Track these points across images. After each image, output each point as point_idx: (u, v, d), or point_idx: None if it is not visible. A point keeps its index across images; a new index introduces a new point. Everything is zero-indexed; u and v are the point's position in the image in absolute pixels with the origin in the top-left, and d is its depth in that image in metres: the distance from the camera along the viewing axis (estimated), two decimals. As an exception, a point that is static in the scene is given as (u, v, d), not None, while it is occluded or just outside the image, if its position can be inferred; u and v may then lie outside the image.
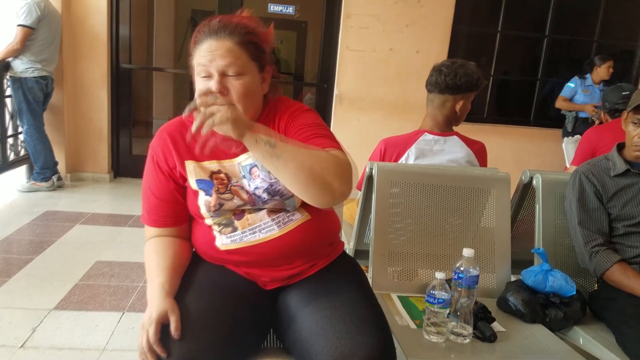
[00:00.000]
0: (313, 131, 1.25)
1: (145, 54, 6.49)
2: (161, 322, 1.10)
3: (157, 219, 1.34)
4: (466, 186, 1.86)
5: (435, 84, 2.02)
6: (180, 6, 7.94)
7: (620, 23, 5.37)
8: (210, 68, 1.20)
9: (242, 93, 1.21)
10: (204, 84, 1.22)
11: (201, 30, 1.26)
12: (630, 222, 1.70)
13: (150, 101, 6.56)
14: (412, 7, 4.80)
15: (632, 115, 1.70)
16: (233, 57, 1.20)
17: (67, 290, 2.53)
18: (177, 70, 7.53)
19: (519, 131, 5.22)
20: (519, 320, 1.62)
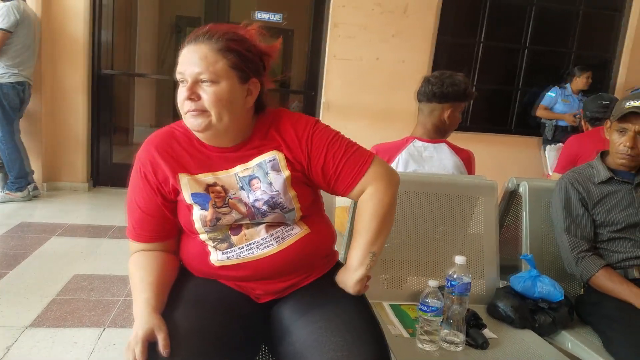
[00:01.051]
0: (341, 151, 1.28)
1: (127, 59, 6.41)
2: (148, 341, 1.07)
3: (142, 233, 1.29)
4: (455, 194, 1.87)
5: (423, 93, 2.08)
6: (164, 12, 7.88)
7: (597, 35, 5.50)
8: (185, 75, 1.18)
9: (213, 100, 1.17)
10: (181, 91, 1.20)
11: (189, 36, 1.24)
12: (614, 228, 1.73)
13: (132, 108, 6.47)
14: (397, 17, 4.86)
15: (617, 124, 1.74)
16: (207, 64, 1.16)
17: (44, 306, 2.43)
18: (160, 76, 7.48)
19: (500, 139, 5.30)
20: (509, 326, 1.64)
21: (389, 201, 1.28)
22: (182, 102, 1.19)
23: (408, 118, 4.97)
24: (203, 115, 1.18)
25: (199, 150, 1.27)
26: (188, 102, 1.18)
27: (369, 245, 1.26)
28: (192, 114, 1.18)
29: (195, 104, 1.17)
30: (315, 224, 1.32)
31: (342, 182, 1.29)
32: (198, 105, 1.17)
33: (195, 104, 1.17)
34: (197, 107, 1.17)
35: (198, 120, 1.18)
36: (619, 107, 1.74)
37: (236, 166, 1.26)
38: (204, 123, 1.18)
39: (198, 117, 1.18)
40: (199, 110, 1.17)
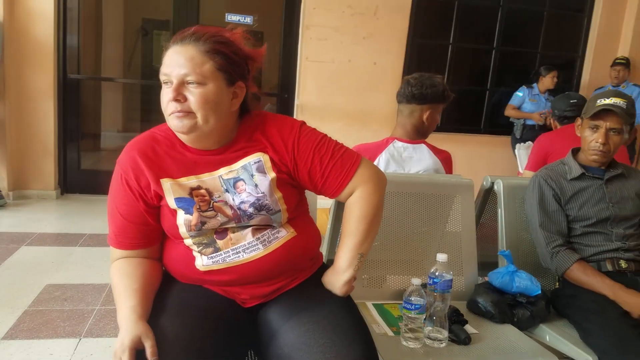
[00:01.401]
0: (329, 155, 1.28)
1: (93, 63, 6.28)
2: (135, 348, 1.05)
3: (124, 240, 1.26)
4: (433, 193, 1.90)
5: (403, 95, 2.11)
6: (130, 14, 7.75)
7: (562, 35, 5.65)
8: (170, 76, 1.16)
9: (200, 102, 1.15)
10: (165, 92, 1.18)
11: (174, 37, 1.23)
12: (586, 222, 1.78)
13: (98, 113, 6.34)
14: (368, 19, 4.89)
15: (589, 122, 1.79)
16: (193, 65, 1.15)
17: (16, 318, 2.35)
18: (128, 80, 7.35)
19: (471, 139, 5.38)
20: (489, 321, 1.67)
21: (377, 203, 1.30)
22: (167, 103, 1.17)
23: (383, 119, 5.03)
24: (188, 117, 1.16)
25: (181, 154, 1.25)
26: (173, 104, 1.16)
27: (357, 247, 1.28)
28: (177, 115, 1.16)
29: (181, 105, 1.16)
30: (301, 227, 1.32)
31: (330, 185, 1.30)
32: (184, 107, 1.16)
33: (181, 106, 1.16)
34: (182, 109, 1.16)
35: (183, 122, 1.17)
36: (591, 105, 1.79)
37: (220, 168, 1.25)
38: (189, 124, 1.17)
39: (183, 118, 1.16)
40: (185, 112, 1.16)
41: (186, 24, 4.73)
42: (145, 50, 8.73)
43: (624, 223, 1.78)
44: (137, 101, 8.17)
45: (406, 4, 4.96)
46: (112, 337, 2.24)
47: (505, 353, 1.48)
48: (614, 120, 1.74)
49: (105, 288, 2.75)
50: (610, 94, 1.76)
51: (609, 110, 1.73)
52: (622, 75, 5.01)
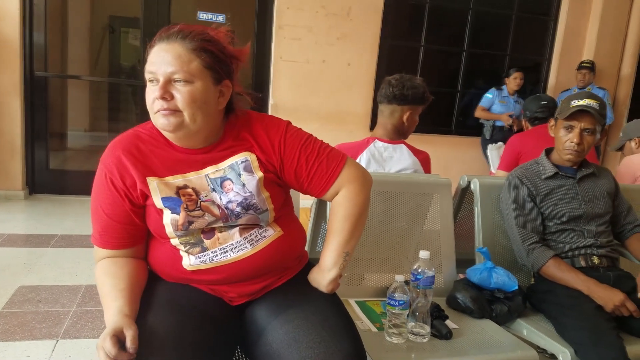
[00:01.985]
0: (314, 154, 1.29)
1: (59, 61, 6.14)
2: (116, 336, 1.03)
3: (109, 240, 1.25)
4: (412, 192, 1.93)
5: (384, 95, 2.12)
6: (96, 12, 7.60)
7: (530, 38, 5.79)
8: (157, 74, 1.15)
9: (189, 100, 1.15)
10: (151, 91, 1.17)
11: (158, 35, 1.21)
12: (560, 220, 1.84)
13: (65, 112, 6.20)
14: (342, 20, 4.92)
15: (563, 122, 1.84)
16: (181, 63, 1.14)
17: (-11, 321, 2.30)
18: (96, 78, 7.22)
19: (442, 140, 5.47)
20: (468, 316, 1.71)
21: (362, 202, 1.31)
22: (153, 101, 1.16)
23: (357, 120, 5.07)
24: (175, 115, 1.15)
25: (167, 152, 1.24)
26: (160, 102, 1.14)
27: (343, 246, 1.29)
28: (163, 113, 1.15)
29: (168, 103, 1.15)
30: (287, 226, 1.33)
31: (315, 185, 1.31)
32: (171, 105, 1.15)
33: (168, 104, 1.15)
34: (169, 107, 1.15)
35: (170, 120, 1.16)
36: (565, 106, 1.85)
37: (206, 167, 1.24)
38: (175, 123, 1.16)
39: (170, 116, 1.15)
40: (171, 110, 1.15)
41: (157, 22, 4.70)
42: (113, 48, 8.59)
43: (596, 220, 1.84)
44: (104, 100, 8.02)
45: (379, 6, 5.00)
46: (90, 339, 2.20)
47: (485, 347, 1.52)
48: (588, 121, 1.80)
49: (80, 289, 2.70)
50: (583, 96, 1.82)
51: (583, 111, 1.79)
52: (587, 79, 5.18)
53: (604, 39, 5.54)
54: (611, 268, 1.81)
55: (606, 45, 5.56)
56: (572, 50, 5.63)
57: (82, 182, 4.67)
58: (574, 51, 5.63)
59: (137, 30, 8.14)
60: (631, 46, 5.63)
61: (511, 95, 5.20)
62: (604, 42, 5.55)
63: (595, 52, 5.51)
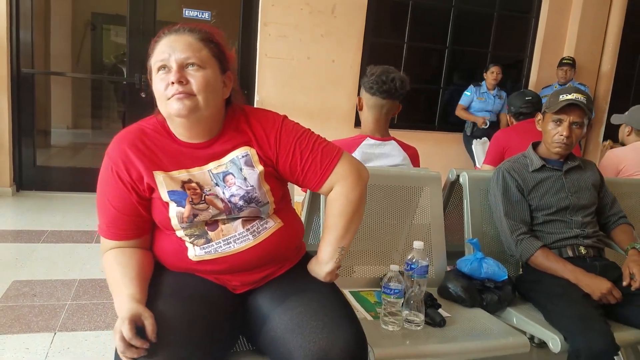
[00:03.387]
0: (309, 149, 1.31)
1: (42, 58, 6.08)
2: (134, 322, 1.06)
3: (116, 231, 1.28)
4: (402, 185, 1.98)
5: (388, 91, 2.06)
6: (78, 9, 7.52)
7: (511, 36, 5.90)
8: (169, 61, 1.19)
9: (203, 84, 1.19)
10: (162, 79, 1.20)
11: (161, 32, 1.26)
12: (548, 211, 1.91)
13: (49, 109, 6.15)
14: (326, 17, 4.96)
15: (552, 116, 1.90)
16: (193, 50, 1.21)
17: (-14, 314, 2.31)
18: (81, 74, 7.15)
19: (426, 136, 5.54)
20: (460, 305, 1.76)
21: (357, 198, 1.33)
22: (166, 87, 1.19)
23: (342, 116, 5.11)
24: (190, 99, 1.19)
25: (171, 147, 1.28)
26: (175, 86, 1.18)
27: (338, 241, 1.33)
28: (178, 96, 1.18)
29: (184, 87, 1.18)
30: (286, 217, 1.37)
31: (310, 179, 1.34)
32: (186, 89, 1.18)
33: (184, 87, 1.18)
34: (184, 90, 1.18)
35: (185, 103, 1.18)
36: (554, 100, 1.90)
37: (209, 163, 1.28)
38: (190, 106, 1.19)
39: (185, 99, 1.18)
40: (187, 93, 1.18)
41: (143, 19, 4.70)
42: (95, 45, 8.51)
43: (582, 211, 1.91)
44: (87, 97, 7.95)
45: (362, 4, 5.05)
46: (87, 331, 2.23)
47: (478, 334, 1.58)
48: (577, 114, 1.87)
49: (74, 283, 2.71)
50: (571, 90, 1.88)
51: (572, 105, 1.85)
52: (568, 75, 5.29)
53: (584, 36, 5.66)
54: (597, 258, 1.88)
55: (586, 43, 5.68)
56: (552, 48, 5.74)
57: (68, 179, 4.70)
58: (555, 48, 5.74)
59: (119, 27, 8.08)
60: (611, 43, 5.75)
61: (490, 90, 5.27)
62: (584, 39, 5.66)
63: (576, 49, 5.62)
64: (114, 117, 8.22)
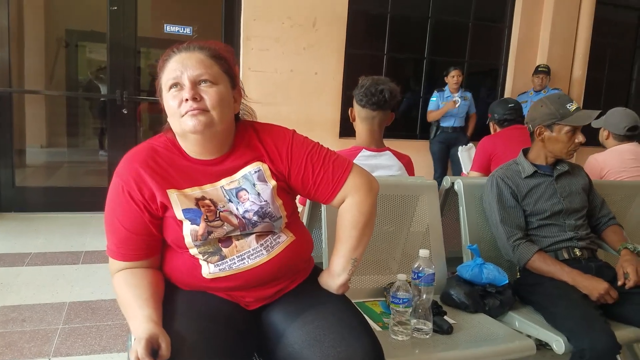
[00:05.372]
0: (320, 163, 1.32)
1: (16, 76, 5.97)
2: (150, 342, 1.06)
3: (127, 252, 1.26)
4: (399, 194, 2.00)
5: (378, 103, 2.08)
6: (52, 25, 7.42)
7: (486, 45, 6.03)
8: (181, 78, 1.20)
9: (217, 100, 1.20)
10: (174, 96, 1.21)
11: (170, 50, 1.27)
12: (542, 216, 1.96)
13: (23, 127, 6.03)
14: (307, 31, 5.01)
15: (563, 127, 1.93)
16: (205, 67, 1.22)
17: (-25, 343, 2.24)
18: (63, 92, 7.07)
19: (408, 144, 5.59)
20: (463, 311, 1.79)
21: (368, 210, 1.34)
22: (179, 104, 1.20)
23: (326, 126, 5.14)
24: (204, 114, 1.20)
25: (182, 164, 1.27)
26: (189, 103, 1.18)
27: (350, 253, 1.34)
28: (192, 113, 1.19)
29: (198, 103, 1.19)
30: (297, 231, 1.37)
31: (322, 193, 1.35)
32: (200, 105, 1.19)
33: (198, 104, 1.19)
34: (199, 106, 1.19)
35: (199, 119, 1.19)
36: (563, 111, 1.92)
37: (221, 180, 1.28)
38: (205, 121, 1.19)
39: (199, 115, 1.19)
40: (201, 109, 1.19)
41: (123, 35, 4.66)
42: (70, 62, 8.39)
43: (575, 215, 1.97)
44: (62, 115, 7.82)
45: (342, 17, 5.12)
46: (83, 355, 2.18)
47: (484, 339, 1.61)
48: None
49: (64, 307, 2.65)
50: (567, 98, 1.96)
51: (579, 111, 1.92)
52: (544, 82, 5.43)
53: (555, 44, 5.82)
54: (592, 259, 1.94)
55: (558, 50, 5.84)
56: (526, 56, 5.89)
57: (47, 199, 4.61)
58: (528, 56, 5.89)
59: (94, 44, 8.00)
60: (581, 50, 5.94)
61: (454, 93, 5.33)
62: (556, 47, 5.83)
63: (548, 56, 5.78)
64: (90, 135, 8.10)
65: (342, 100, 5.20)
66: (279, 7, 4.89)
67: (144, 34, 5.12)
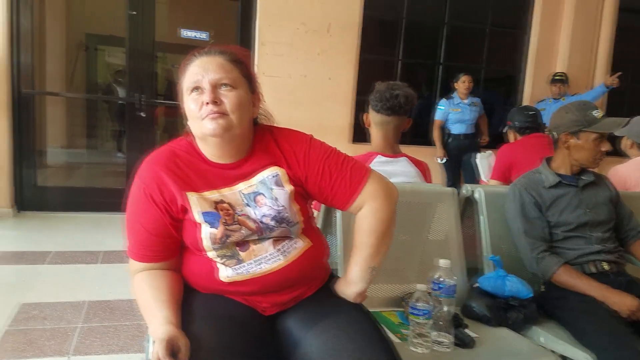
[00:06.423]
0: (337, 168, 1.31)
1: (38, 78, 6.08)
2: (171, 343, 1.06)
3: (147, 254, 1.27)
4: (416, 201, 1.96)
5: (392, 108, 2.06)
6: (72, 30, 7.55)
7: (503, 51, 5.98)
8: (202, 82, 1.21)
9: (236, 104, 1.22)
10: (195, 99, 1.22)
11: (191, 54, 1.28)
12: (567, 227, 1.90)
13: (44, 129, 6.13)
14: (322, 36, 5.03)
15: (590, 134, 1.88)
16: (225, 71, 1.23)
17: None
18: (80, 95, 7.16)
19: (420, 151, 5.52)
20: (484, 325, 1.73)
21: (387, 217, 1.32)
22: (199, 107, 1.21)
23: (339, 131, 5.13)
24: (224, 118, 1.21)
25: (201, 167, 1.28)
26: (209, 106, 1.20)
27: (368, 261, 1.31)
28: (212, 116, 1.20)
29: (218, 107, 1.20)
30: (314, 237, 1.36)
31: (339, 198, 1.33)
32: (220, 109, 1.20)
33: (218, 107, 1.20)
34: (219, 110, 1.20)
35: (219, 122, 1.20)
36: (589, 117, 1.87)
37: (239, 183, 1.28)
38: (224, 125, 1.20)
39: (219, 119, 1.20)
40: (220, 113, 1.20)
41: (142, 40, 4.73)
42: (89, 66, 8.53)
43: (602, 227, 1.91)
44: (82, 116, 7.94)
45: (356, 22, 5.13)
46: (101, 355, 2.20)
47: (508, 355, 1.56)
48: None
49: (83, 305, 2.68)
50: (592, 105, 1.92)
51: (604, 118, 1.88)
52: (562, 90, 5.35)
53: (575, 51, 5.74)
54: (620, 273, 1.88)
55: (578, 57, 5.76)
56: (545, 63, 5.81)
57: (67, 199, 4.69)
58: (548, 63, 5.81)
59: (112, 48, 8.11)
60: (602, 57, 5.84)
61: (464, 100, 5.25)
62: (576, 54, 5.74)
63: (569, 63, 5.69)
64: (108, 137, 8.21)
65: (355, 106, 5.19)
66: (293, 13, 4.92)
67: (161, 38, 5.17)
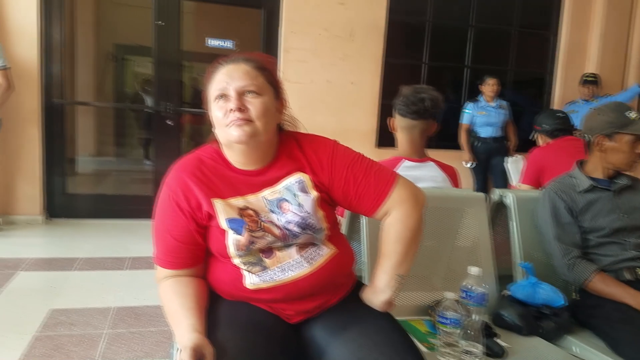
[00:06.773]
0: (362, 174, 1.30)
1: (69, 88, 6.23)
2: (196, 351, 1.06)
3: (174, 261, 1.28)
4: (444, 207, 1.91)
5: (418, 112, 2.04)
6: (102, 40, 7.73)
7: (531, 53, 5.86)
8: (228, 89, 1.22)
9: (262, 110, 1.22)
10: (221, 107, 1.23)
11: (217, 62, 1.29)
12: (601, 233, 1.83)
13: (74, 137, 6.28)
14: (345, 41, 5.02)
15: (625, 135, 1.83)
16: (250, 78, 1.24)
17: (27, 344, 2.31)
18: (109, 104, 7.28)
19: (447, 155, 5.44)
20: (515, 334, 1.68)
21: (414, 225, 1.31)
22: (225, 114, 1.22)
23: (362, 136, 5.12)
24: (249, 125, 1.21)
25: (226, 174, 1.29)
26: (235, 113, 1.20)
27: (395, 269, 1.30)
28: (238, 123, 1.20)
29: (243, 114, 1.21)
30: (339, 244, 1.35)
31: (364, 205, 1.32)
32: (245, 115, 1.21)
33: (243, 114, 1.21)
34: (244, 117, 1.21)
35: (245, 129, 1.20)
36: (623, 119, 1.82)
37: (264, 190, 1.28)
38: (250, 131, 1.21)
39: (245, 126, 1.21)
40: (246, 120, 1.21)
41: (168, 49, 4.81)
42: (117, 75, 8.72)
43: (638, 232, 1.84)
44: (110, 125, 8.12)
45: (380, 26, 5.10)
46: (128, 362, 2.22)
47: (541, 365, 1.51)
48: None
49: (109, 312, 2.71)
50: (625, 107, 1.85)
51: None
52: (593, 92, 5.22)
53: (606, 51, 5.60)
54: (658, 282, 1.81)
55: (609, 57, 5.62)
56: (575, 64, 5.68)
57: (96, 206, 4.79)
58: (577, 64, 5.68)
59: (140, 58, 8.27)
60: (635, 57, 5.68)
61: (490, 102, 5.16)
62: (607, 54, 5.61)
63: (599, 64, 5.56)
64: (135, 145, 8.36)
65: (380, 110, 5.16)
66: (316, 20, 4.93)
67: (187, 48, 5.24)
